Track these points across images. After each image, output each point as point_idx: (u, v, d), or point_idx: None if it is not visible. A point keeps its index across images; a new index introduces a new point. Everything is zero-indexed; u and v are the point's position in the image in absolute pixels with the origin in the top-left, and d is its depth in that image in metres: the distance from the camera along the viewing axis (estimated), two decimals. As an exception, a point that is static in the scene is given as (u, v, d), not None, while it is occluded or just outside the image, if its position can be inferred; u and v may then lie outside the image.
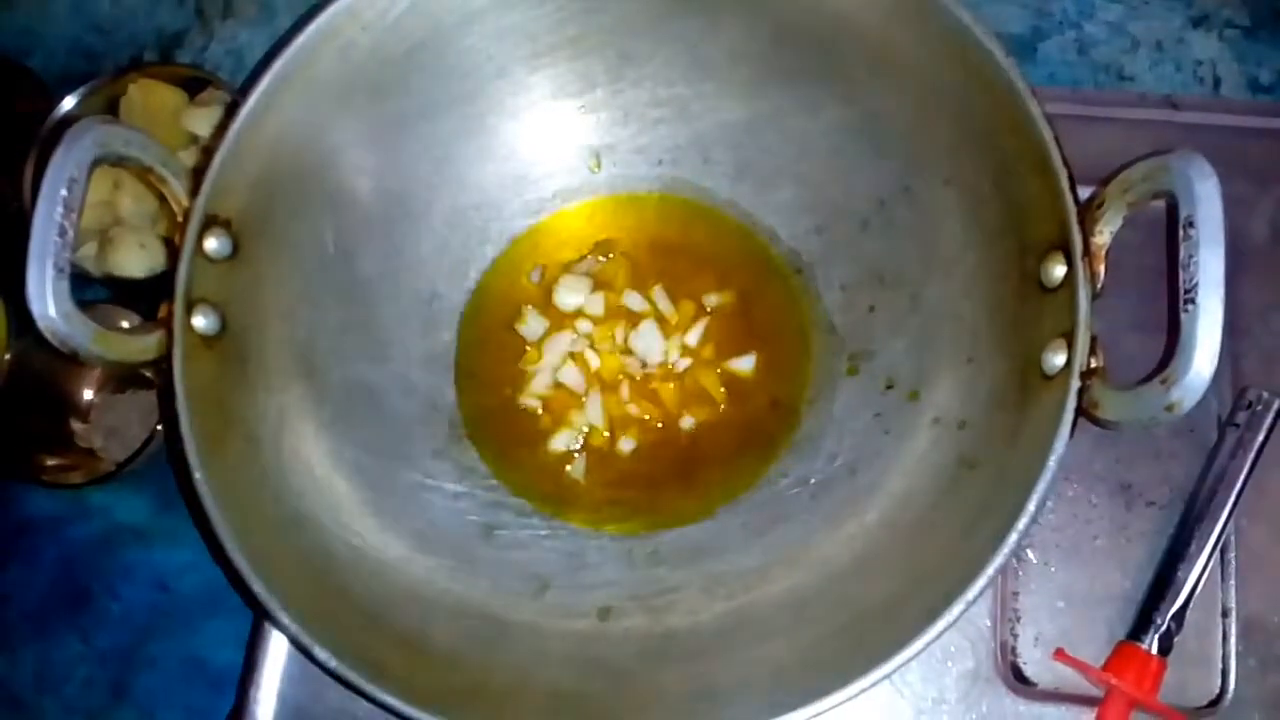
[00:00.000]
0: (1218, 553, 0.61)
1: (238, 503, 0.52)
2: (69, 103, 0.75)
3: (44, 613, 0.73)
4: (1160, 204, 0.58)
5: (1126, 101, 0.71)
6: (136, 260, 0.72)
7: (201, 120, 0.74)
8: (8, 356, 0.72)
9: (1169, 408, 0.45)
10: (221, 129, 0.56)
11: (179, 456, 0.52)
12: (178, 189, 0.55)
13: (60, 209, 0.50)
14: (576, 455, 0.66)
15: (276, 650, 0.63)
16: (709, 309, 0.67)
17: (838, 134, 0.64)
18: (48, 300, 0.50)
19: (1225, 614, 0.61)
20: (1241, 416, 0.62)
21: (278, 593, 0.50)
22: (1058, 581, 0.63)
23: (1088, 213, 0.51)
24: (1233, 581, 0.62)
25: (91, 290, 0.74)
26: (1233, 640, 0.61)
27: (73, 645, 0.72)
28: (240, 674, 0.64)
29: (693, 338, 0.67)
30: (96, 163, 0.52)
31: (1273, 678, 0.60)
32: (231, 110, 0.57)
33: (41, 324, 0.50)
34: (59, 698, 0.71)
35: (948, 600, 0.48)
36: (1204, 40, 0.79)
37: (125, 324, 0.72)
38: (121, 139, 0.53)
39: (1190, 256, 0.45)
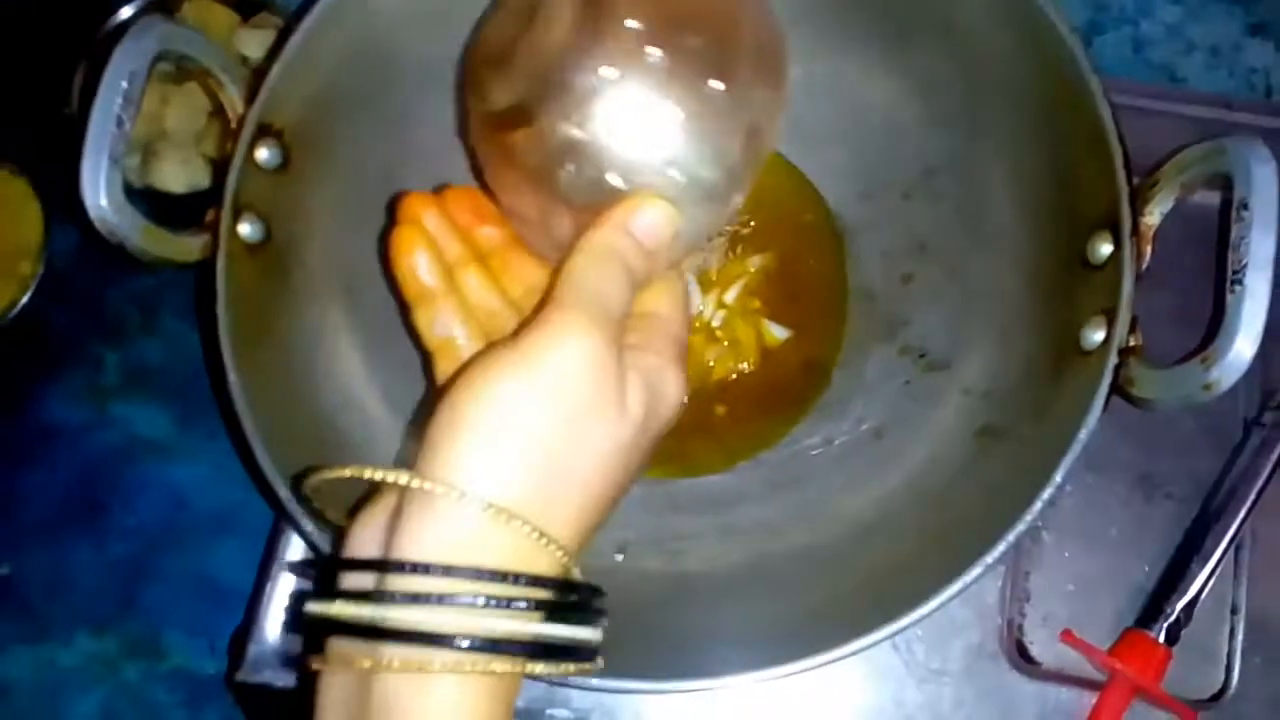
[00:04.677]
0: (1233, 549, 0.61)
1: (269, 410, 0.52)
2: (125, 13, 0.75)
3: (57, 519, 0.73)
4: (1203, 201, 0.59)
5: (1178, 97, 0.71)
6: (178, 175, 0.72)
7: (254, 42, 0.74)
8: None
9: (1207, 387, 0.45)
10: (274, 49, 0.56)
11: (215, 360, 0.52)
12: (234, 95, 0.56)
13: (120, 100, 0.50)
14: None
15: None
16: (751, 268, 0.67)
17: (892, 100, 0.64)
18: (100, 189, 0.50)
19: (1234, 610, 0.62)
20: (1268, 417, 0.62)
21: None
22: (1070, 565, 0.63)
23: (1140, 192, 0.51)
24: (1245, 579, 0.62)
25: (132, 202, 0.74)
26: (1239, 637, 0.61)
27: (84, 553, 0.73)
28: (251, 589, 0.64)
29: (731, 295, 0.67)
30: (158, 59, 0.52)
31: (1276, 677, 0.60)
32: (284, 35, 0.57)
33: (93, 213, 0.50)
34: (67, 604, 0.72)
35: (965, 563, 0.49)
36: (1260, 48, 0.79)
37: None
38: (184, 39, 0.53)
39: (1241, 238, 0.45)
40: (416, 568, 0.36)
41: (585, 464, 0.40)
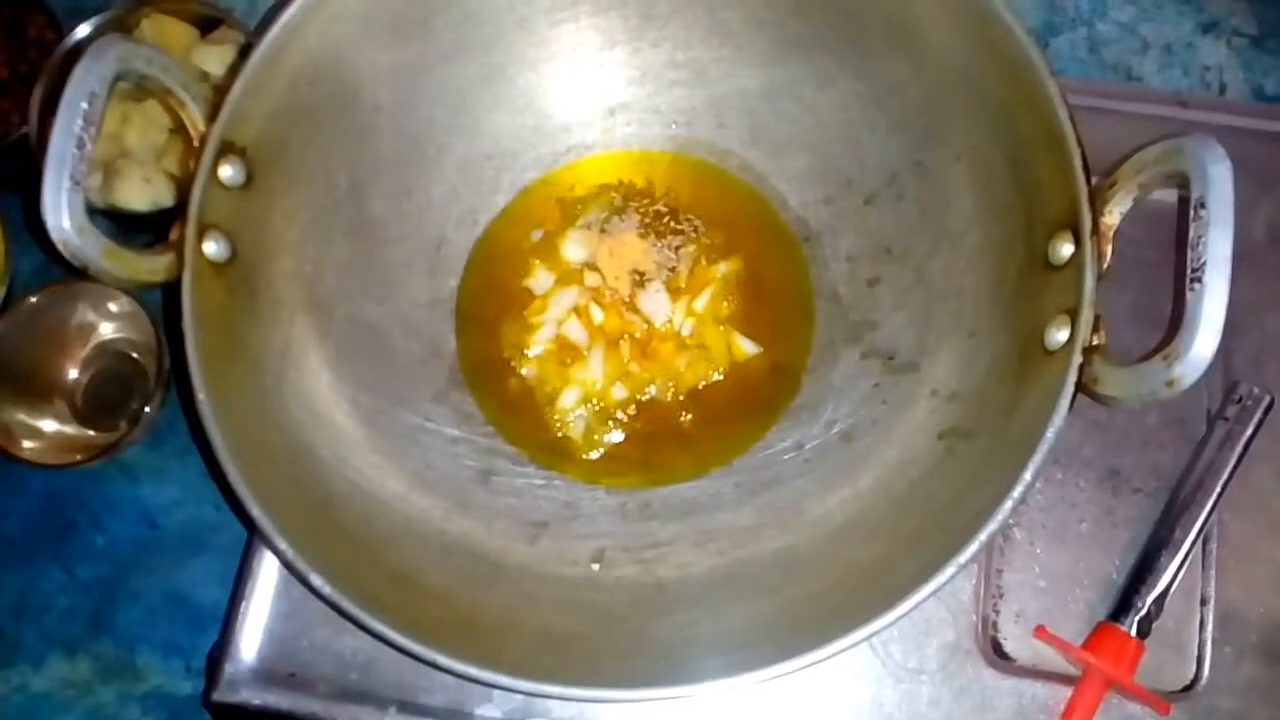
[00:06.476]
0: (1200, 542, 0.61)
1: (239, 427, 0.52)
2: (81, 31, 0.74)
3: (28, 541, 0.73)
4: (1162, 199, 0.59)
5: (1134, 96, 0.72)
6: (140, 193, 0.71)
7: (213, 58, 0.73)
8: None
9: (1169, 383, 0.46)
10: (235, 67, 0.56)
11: (183, 379, 0.52)
12: (196, 113, 0.55)
13: (80, 121, 0.49)
14: (575, 411, 0.66)
15: (264, 586, 0.63)
16: (718, 276, 0.67)
17: (852, 105, 0.64)
18: (63, 212, 0.49)
19: (1204, 602, 0.62)
20: (1231, 410, 0.63)
21: (274, 516, 0.50)
22: (1042, 561, 0.63)
23: (1099, 193, 0.51)
24: (1213, 571, 0.62)
25: (95, 222, 0.73)
26: (1210, 628, 0.62)
27: (55, 575, 0.72)
28: (226, 609, 0.63)
29: (700, 303, 0.67)
30: (118, 79, 0.51)
31: (1246, 666, 0.61)
32: (245, 51, 0.57)
33: (55, 236, 0.50)
34: (38, 626, 0.71)
35: (939, 563, 0.49)
36: (1212, 47, 0.80)
37: (113, 306, 0.72)
38: (144, 58, 0.53)
39: (1199, 237, 0.46)
40: None
41: None
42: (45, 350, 0.73)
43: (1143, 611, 0.60)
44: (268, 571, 0.63)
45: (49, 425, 0.72)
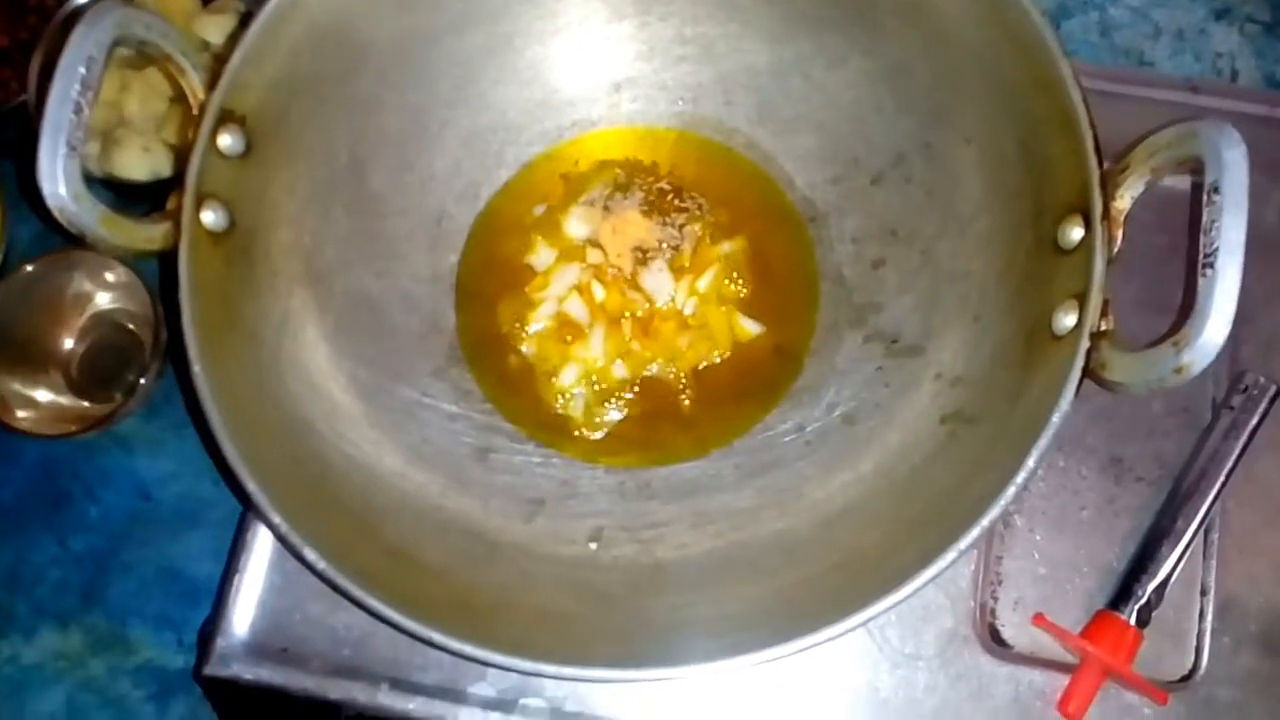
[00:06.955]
0: (1202, 532, 0.61)
1: (235, 399, 0.52)
2: (80, -1, 0.74)
3: (21, 511, 0.72)
4: (1173, 185, 0.59)
5: (1145, 81, 0.71)
6: (139, 163, 0.71)
7: (214, 27, 0.72)
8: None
9: (1178, 370, 0.45)
10: (236, 34, 0.55)
11: (179, 351, 0.52)
12: (195, 81, 0.55)
13: (77, 86, 0.49)
14: (575, 389, 0.65)
15: (258, 560, 0.62)
16: (722, 255, 0.67)
17: (862, 84, 0.64)
18: (59, 178, 0.49)
19: (1204, 592, 0.62)
20: (1237, 400, 0.63)
21: (270, 490, 0.50)
22: (1042, 548, 0.63)
23: (1110, 177, 0.51)
24: (1214, 561, 0.62)
25: (93, 191, 0.73)
26: (1209, 618, 0.61)
27: (48, 547, 0.72)
28: (219, 582, 0.63)
29: (703, 283, 0.66)
30: (116, 44, 0.51)
31: (1245, 657, 0.61)
32: (246, 19, 0.56)
33: (51, 202, 0.49)
34: (30, 598, 0.71)
35: (939, 549, 0.48)
36: (1225, 33, 0.80)
37: (110, 276, 0.72)
38: (143, 23, 0.52)
39: (1213, 221, 0.45)
40: None
41: None
42: (41, 319, 0.72)
43: (1142, 600, 0.60)
44: (262, 545, 0.62)
45: (44, 395, 0.72)
